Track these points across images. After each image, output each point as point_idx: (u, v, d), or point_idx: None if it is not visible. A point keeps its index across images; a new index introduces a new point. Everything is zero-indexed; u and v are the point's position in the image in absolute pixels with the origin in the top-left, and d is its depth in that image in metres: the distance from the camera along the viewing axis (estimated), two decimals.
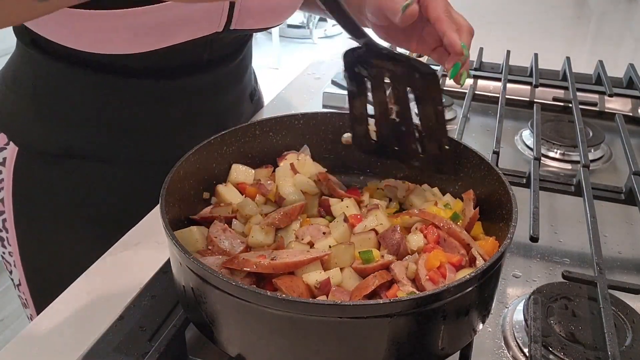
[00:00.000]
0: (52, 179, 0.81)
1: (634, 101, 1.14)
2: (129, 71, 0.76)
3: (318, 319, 0.44)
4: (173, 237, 0.50)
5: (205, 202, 0.66)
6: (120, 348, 0.57)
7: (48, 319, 0.62)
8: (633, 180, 0.79)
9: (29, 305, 0.90)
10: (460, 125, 0.92)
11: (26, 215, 0.83)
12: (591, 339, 0.58)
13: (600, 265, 0.63)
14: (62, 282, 0.67)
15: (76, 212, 0.83)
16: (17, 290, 0.91)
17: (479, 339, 0.60)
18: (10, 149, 0.79)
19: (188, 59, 0.79)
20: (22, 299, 0.91)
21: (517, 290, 0.68)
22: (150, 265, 0.68)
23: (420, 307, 0.45)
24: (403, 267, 0.55)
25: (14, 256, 0.86)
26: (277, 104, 1.13)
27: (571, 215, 0.82)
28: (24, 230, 0.84)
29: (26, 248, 0.85)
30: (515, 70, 1.23)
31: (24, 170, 0.80)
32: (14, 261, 0.86)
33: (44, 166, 0.80)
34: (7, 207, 0.82)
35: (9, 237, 0.85)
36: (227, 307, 0.48)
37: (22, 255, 0.85)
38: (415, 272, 0.55)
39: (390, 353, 0.46)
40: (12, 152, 0.79)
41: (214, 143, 0.65)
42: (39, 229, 0.84)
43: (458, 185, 0.67)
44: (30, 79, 0.78)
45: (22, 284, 0.88)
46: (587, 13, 1.90)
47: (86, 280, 0.68)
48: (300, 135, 0.72)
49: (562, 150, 0.98)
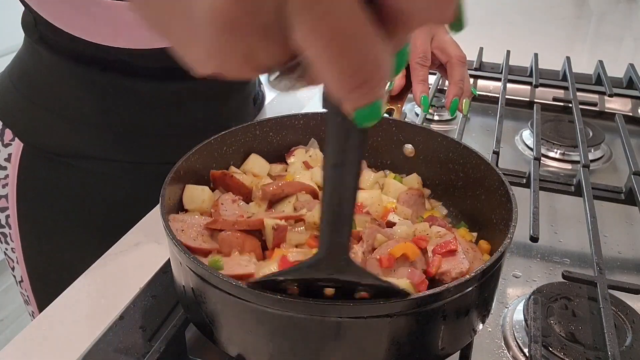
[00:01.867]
0: (56, 176, 0.81)
1: (634, 101, 1.14)
2: (134, 71, 0.76)
3: (318, 318, 0.44)
4: (173, 237, 0.50)
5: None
6: (120, 348, 0.57)
7: (48, 319, 0.62)
8: (633, 180, 0.79)
9: (31, 302, 0.90)
10: (460, 125, 0.92)
11: (29, 212, 0.83)
12: (591, 339, 0.58)
13: (600, 265, 0.63)
14: (64, 280, 0.67)
15: (80, 210, 0.83)
16: (19, 286, 0.91)
17: (479, 339, 0.60)
18: (16, 145, 0.79)
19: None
20: (24, 295, 0.91)
21: (517, 290, 0.68)
22: (150, 265, 0.68)
23: (420, 307, 0.45)
24: (375, 233, 0.55)
25: (16, 252, 0.86)
26: (277, 104, 1.13)
27: (571, 215, 0.82)
28: (26, 227, 0.84)
29: (28, 245, 0.85)
30: (515, 70, 1.23)
31: (28, 167, 0.80)
32: (16, 257, 0.86)
33: (48, 164, 0.80)
34: (10, 203, 0.82)
35: (12, 234, 0.85)
36: (227, 307, 0.48)
37: (24, 251, 0.85)
38: (378, 245, 0.55)
39: (390, 353, 0.46)
40: (18, 149, 0.79)
41: (214, 143, 0.65)
42: (41, 226, 0.84)
43: (460, 184, 0.67)
44: (36, 76, 0.78)
45: (25, 281, 0.88)
46: (587, 13, 1.90)
47: (86, 280, 0.68)
48: (301, 135, 0.72)
49: (562, 150, 0.98)
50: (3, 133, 0.80)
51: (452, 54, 0.77)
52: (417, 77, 0.76)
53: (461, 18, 0.28)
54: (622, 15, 1.88)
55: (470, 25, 0.33)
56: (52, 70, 0.77)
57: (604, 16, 1.88)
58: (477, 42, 1.33)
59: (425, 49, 0.77)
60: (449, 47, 0.78)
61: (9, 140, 0.80)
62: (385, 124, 0.71)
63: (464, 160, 0.65)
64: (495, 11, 1.85)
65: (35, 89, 0.79)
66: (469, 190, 0.65)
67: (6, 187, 0.82)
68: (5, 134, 0.79)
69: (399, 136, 0.71)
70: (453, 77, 0.77)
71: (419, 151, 0.70)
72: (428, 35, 0.79)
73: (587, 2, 1.98)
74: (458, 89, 0.76)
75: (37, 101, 0.79)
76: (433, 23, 0.26)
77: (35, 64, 0.78)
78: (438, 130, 0.69)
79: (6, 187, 0.82)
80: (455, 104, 0.76)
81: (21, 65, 0.80)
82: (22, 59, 0.80)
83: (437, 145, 0.68)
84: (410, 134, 0.70)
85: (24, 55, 0.80)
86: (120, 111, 0.79)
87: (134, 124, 0.80)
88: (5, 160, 0.80)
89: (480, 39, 1.37)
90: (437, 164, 0.68)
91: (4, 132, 0.79)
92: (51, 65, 0.77)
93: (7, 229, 0.85)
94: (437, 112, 1.10)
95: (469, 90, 0.78)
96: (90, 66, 0.75)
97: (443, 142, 0.67)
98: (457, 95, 0.76)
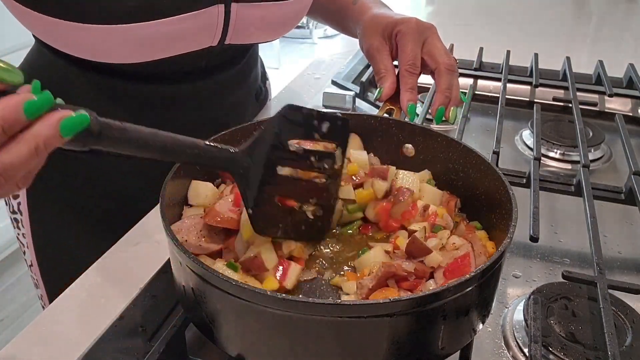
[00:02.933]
0: (63, 169, 0.84)
1: (634, 101, 1.14)
2: (130, 76, 0.78)
3: (318, 318, 0.44)
4: (173, 237, 0.50)
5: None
6: (120, 348, 0.57)
7: (48, 319, 0.62)
8: (633, 180, 0.79)
9: (40, 286, 0.93)
10: (460, 125, 0.92)
11: (39, 200, 0.87)
12: (591, 339, 0.58)
13: (600, 265, 0.63)
14: (70, 266, 0.70)
15: (85, 201, 0.86)
16: (29, 270, 0.95)
17: (479, 339, 0.60)
18: None
19: (187, 67, 0.80)
20: (33, 279, 0.95)
21: (517, 290, 0.68)
22: (150, 265, 0.68)
23: (420, 307, 0.45)
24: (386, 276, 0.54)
25: (27, 238, 0.90)
26: (277, 103, 1.13)
27: (571, 215, 0.82)
28: (36, 215, 0.88)
29: (38, 231, 0.89)
30: (515, 70, 1.23)
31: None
32: (27, 242, 0.90)
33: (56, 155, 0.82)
34: (22, 191, 0.86)
35: (23, 220, 0.89)
36: (227, 307, 0.48)
37: (34, 237, 0.89)
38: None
39: (391, 353, 0.46)
40: None
41: None
42: (50, 214, 0.88)
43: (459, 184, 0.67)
44: (40, 73, 0.81)
45: (34, 265, 0.92)
46: (587, 13, 1.90)
47: (86, 280, 0.68)
48: None
49: (562, 150, 0.98)
50: None
51: (440, 61, 0.77)
52: (405, 85, 0.76)
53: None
54: (622, 15, 1.88)
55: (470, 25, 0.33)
56: (55, 69, 0.79)
57: (604, 16, 1.88)
58: (477, 42, 1.33)
59: (415, 55, 0.77)
60: (438, 54, 0.77)
61: None
62: (385, 124, 0.71)
63: (464, 160, 0.65)
64: (495, 11, 1.85)
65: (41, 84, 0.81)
66: (469, 190, 0.65)
67: None
68: None
69: (399, 136, 0.71)
70: (440, 85, 0.76)
71: (419, 151, 0.70)
72: (419, 41, 0.78)
73: (587, 2, 1.98)
74: (444, 97, 0.76)
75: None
76: None
77: (41, 63, 0.82)
78: (438, 130, 0.69)
79: None
80: (441, 113, 0.76)
81: (30, 65, 0.84)
82: (31, 58, 0.84)
83: (437, 145, 0.68)
84: (410, 134, 0.70)
85: (32, 55, 0.84)
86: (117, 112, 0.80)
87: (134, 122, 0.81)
88: None
89: (480, 39, 1.37)
90: (437, 164, 0.68)
91: None
92: (53, 65, 0.79)
93: (19, 215, 0.89)
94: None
95: (457, 99, 0.77)
96: (89, 69, 0.77)
97: (443, 142, 0.67)
98: (443, 103, 0.76)
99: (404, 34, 0.78)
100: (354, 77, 1.21)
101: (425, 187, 0.66)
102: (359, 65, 1.26)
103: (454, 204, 0.65)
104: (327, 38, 4.93)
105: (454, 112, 0.76)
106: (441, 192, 0.66)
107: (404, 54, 0.77)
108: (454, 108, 0.76)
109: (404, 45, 0.77)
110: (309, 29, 4.96)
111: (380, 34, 0.81)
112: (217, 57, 0.82)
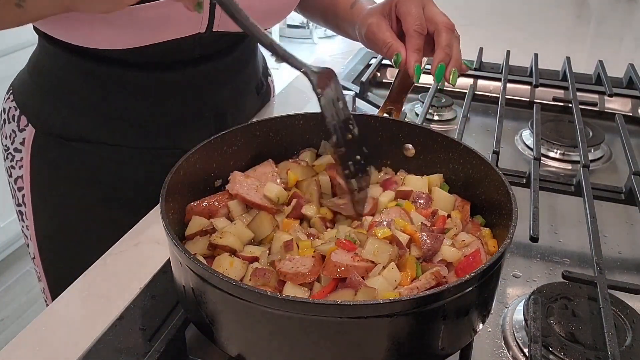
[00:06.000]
0: (65, 160, 0.86)
1: (634, 101, 1.14)
2: (127, 64, 0.79)
3: (318, 319, 0.44)
4: (173, 237, 0.50)
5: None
6: (120, 348, 0.57)
7: (48, 319, 0.62)
8: (633, 180, 0.79)
9: (42, 279, 0.94)
10: (460, 125, 0.92)
11: (41, 193, 0.88)
12: (591, 339, 0.58)
13: (600, 265, 0.63)
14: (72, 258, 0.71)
15: (86, 192, 0.87)
16: (32, 263, 0.96)
17: (479, 339, 0.61)
18: (29, 130, 0.85)
19: (180, 54, 0.81)
20: (36, 272, 0.96)
21: (517, 290, 0.68)
22: (150, 265, 0.68)
23: (420, 307, 0.45)
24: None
25: (30, 230, 0.91)
26: (277, 103, 1.13)
27: (571, 215, 0.82)
28: (38, 207, 0.89)
29: (40, 223, 0.90)
30: (515, 70, 1.23)
31: (40, 151, 0.86)
32: (30, 234, 0.92)
33: (58, 147, 0.85)
34: (25, 183, 0.88)
35: (26, 212, 0.90)
36: (227, 307, 0.48)
37: (36, 229, 0.90)
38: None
39: (390, 353, 0.46)
40: (30, 134, 0.85)
41: (214, 143, 0.65)
42: (51, 205, 0.89)
43: (460, 184, 0.67)
44: (45, 66, 0.84)
45: (37, 258, 0.93)
46: (587, 13, 1.90)
47: (86, 280, 0.68)
48: (301, 135, 0.72)
49: (562, 150, 0.98)
50: (19, 119, 0.86)
51: (439, 20, 0.76)
52: (413, 46, 0.75)
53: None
54: (622, 15, 1.88)
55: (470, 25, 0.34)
56: (58, 60, 0.82)
57: (604, 16, 1.88)
58: (477, 42, 1.33)
59: (421, 17, 0.76)
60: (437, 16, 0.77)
61: (24, 126, 0.86)
62: (385, 124, 0.71)
63: (464, 160, 0.65)
64: (495, 11, 1.85)
65: (44, 77, 0.85)
66: (469, 190, 0.65)
67: (22, 168, 0.88)
68: (21, 119, 0.86)
69: (399, 136, 0.71)
70: (439, 42, 0.74)
71: (418, 151, 0.70)
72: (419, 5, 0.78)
73: (587, 2, 1.98)
74: (444, 54, 0.74)
75: (47, 92, 0.84)
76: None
77: (45, 55, 0.84)
78: (438, 130, 0.69)
79: (22, 169, 0.88)
80: (442, 70, 0.73)
81: (35, 60, 0.87)
82: (37, 50, 0.87)
83: (437, 145, 0.68)
84: (410, 134, 0.70)
85: (38, 47, 0.86)
86: (116, 100, 0.83)
87: (129, 112, 0.84)
88: (21, 144, 0.86)
89: (480, 39, 1.37)
90: (437, 164, 0.68)
91: (20, 118, 0.86)
92: (57, 56, 0.81)
93: (23, 207, 0.90)
94: (437, 112, 1.10)
95: (458, 60, 0.75)
96: (90, 59, 0.79)
97: (443, 142, 0.67)
98: (444, 60, 0.73)
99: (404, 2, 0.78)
100: (354, 77, 1.21)
101: (438, 192, 0.65)
102: (359, 65, 1.27)
103: (468, 207, 0.64)
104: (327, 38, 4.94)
105: (454, 74, 0.74)
106: (454, 196, 0.65)
107: (409, 16, 0.75)
108: (454, 70, 0.74)
109: (407, 10, 0.76)
110: (309, 30, 4.96)
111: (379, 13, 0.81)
112: (210, 46, 0.82)
